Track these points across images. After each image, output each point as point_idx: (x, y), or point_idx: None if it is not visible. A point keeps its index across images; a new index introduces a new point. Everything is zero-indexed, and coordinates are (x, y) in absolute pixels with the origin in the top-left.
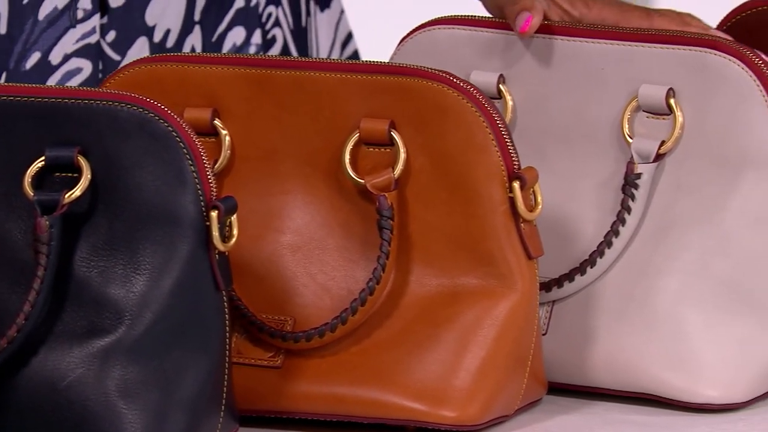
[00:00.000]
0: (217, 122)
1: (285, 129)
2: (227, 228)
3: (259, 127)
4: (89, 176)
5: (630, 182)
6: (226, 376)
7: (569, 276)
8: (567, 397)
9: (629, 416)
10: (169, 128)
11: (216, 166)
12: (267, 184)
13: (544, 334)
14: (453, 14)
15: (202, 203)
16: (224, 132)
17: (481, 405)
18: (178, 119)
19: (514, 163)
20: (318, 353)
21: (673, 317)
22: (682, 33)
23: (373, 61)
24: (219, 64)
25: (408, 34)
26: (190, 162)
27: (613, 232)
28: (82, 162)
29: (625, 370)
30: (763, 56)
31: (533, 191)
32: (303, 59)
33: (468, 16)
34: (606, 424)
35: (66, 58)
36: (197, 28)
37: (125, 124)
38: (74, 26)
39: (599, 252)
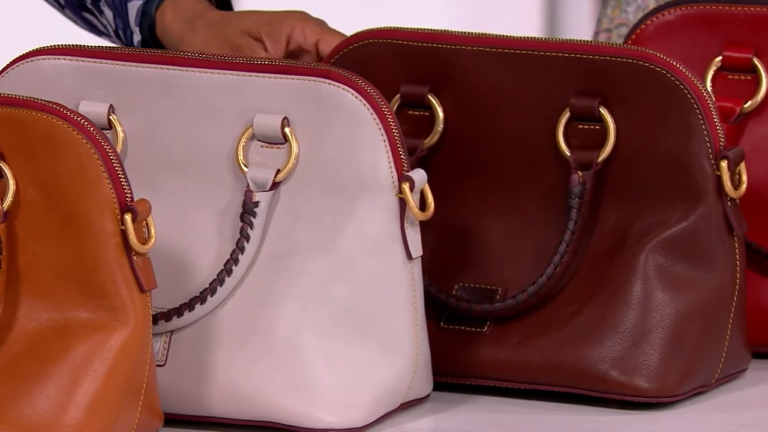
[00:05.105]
0: None
1: None
2: None
3: None
4: None
5: (248, 210)
6: None
7: (189, 305)
8: (184, 429)
9: None
10: None
11: None
12: None
13: (162, 365)
14: (57, 44)
15: None
16: None
17: None
18: None
19: (126, 195)
20: None
21: (294, 344)
22: (295, 63)
23: None
24: None
25: (9, 64)
26: None
27: (233, 260)
28: None
29: (245, 399)
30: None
31: (146, 223)
32: None
33: (74, 45)
34: None
35: None
36: None
37: None
38: None
39: (219, 280)
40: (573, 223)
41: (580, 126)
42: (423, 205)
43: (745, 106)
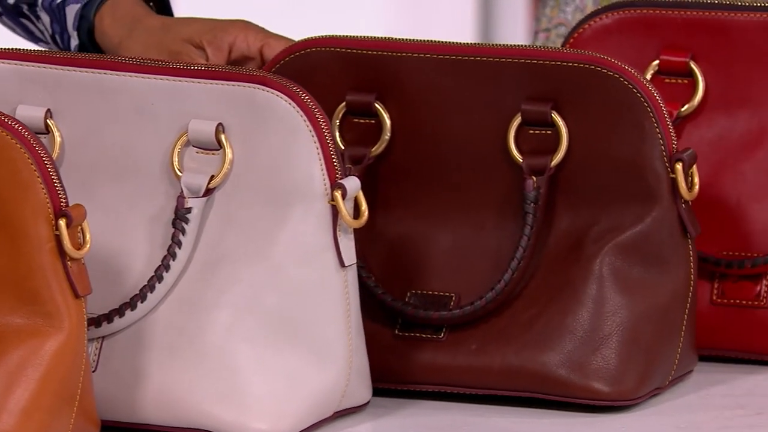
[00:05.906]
0: None
1: None
2: None
3: None
4: None
5: (181, 216)
6: None
7: (120, 311)
8: None
9: None
10: None
11: None
12: None
13: (93, 371)
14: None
15: None
16: None
17: None
18: None
19: (61, 200)
20: None
21: (225, 351)
22: (231, 69)
23: None
24: None
25: None
26: None
27: (164, 266)
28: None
29: (176, 406)
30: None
31: (81, 229)
32: None
33: (13, 49)
34: None
35: None
36: None
37: None
38: None
39: (150, 287)
40: (529, 228)
41: (531, 131)
42: (357, 213)
43: (682, 109)
